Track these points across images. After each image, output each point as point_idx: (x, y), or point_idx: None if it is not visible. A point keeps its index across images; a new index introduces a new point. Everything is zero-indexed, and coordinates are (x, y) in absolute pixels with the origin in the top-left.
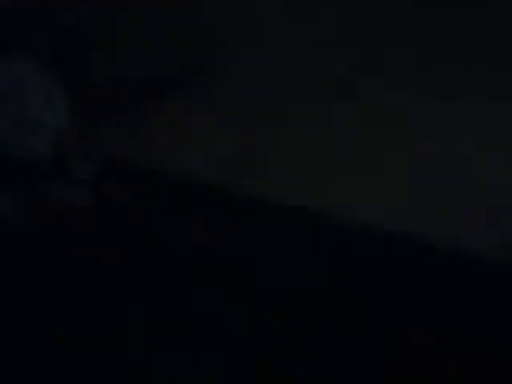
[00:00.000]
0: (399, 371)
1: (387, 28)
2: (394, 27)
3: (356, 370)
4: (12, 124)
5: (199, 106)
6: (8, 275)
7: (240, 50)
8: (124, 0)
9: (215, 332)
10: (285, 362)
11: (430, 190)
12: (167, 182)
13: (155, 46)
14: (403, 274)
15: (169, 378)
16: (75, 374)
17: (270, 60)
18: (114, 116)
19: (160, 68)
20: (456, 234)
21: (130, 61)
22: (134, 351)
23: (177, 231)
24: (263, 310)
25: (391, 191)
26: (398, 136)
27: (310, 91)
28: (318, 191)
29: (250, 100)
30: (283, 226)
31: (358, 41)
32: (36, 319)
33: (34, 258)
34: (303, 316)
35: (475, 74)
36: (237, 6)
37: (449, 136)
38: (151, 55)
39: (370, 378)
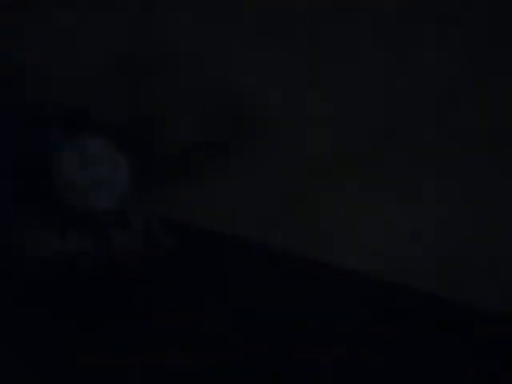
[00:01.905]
0: None
1: None
2: None
3: None
4: (86, 185)
5: (245, 169)
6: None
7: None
8: (176, 74)
9: None
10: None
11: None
12: (207, 238)
13: (205, 113)
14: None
15: None
16: None
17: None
18: (168, 179)
19: (210, 133)
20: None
21: (182, 129)
22: None
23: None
24: None
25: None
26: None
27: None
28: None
29: (290, 163)
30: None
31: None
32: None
33: (94, 286)
34: None
35: None
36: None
37: None
38: (202, 122)
39: None
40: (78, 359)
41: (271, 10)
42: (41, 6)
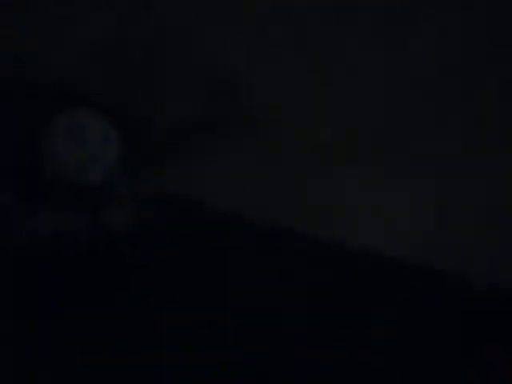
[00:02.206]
0: None
1: None
2: None
3: None
4: (76, 158)
5: (236, 150)
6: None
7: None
8: (163, 55)
9: None
10: None
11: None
12: (197, 214)
13: (195, 95)
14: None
15: None
16: None
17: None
18: (159, 155)
19: (203, 111)
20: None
21: (172, 109)
22: None
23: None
24: None
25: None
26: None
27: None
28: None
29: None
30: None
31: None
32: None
33: (84, 259)
34: None
35: None
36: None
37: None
38: (191, 104)
39: None
40: (71, 339)
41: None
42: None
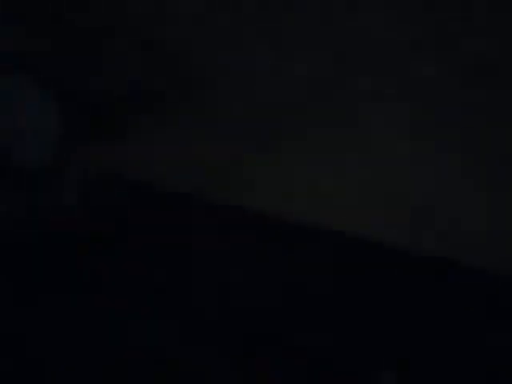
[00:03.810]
0: None
1: None
2: None
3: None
4: (11, 133)
5: (183, 120)
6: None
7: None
8: (111, 19)
9: None
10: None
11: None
12: (145, 191)
13: (140, 61)
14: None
15: None
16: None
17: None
18: (101, 129)
19: (145, 83)
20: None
21: (116, 77)
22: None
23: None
24: None
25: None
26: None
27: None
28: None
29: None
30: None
31: None
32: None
33: (27, 250)
34: None
35: None
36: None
37: None
38: (137, 71)
39: None
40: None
41: None
42: None
